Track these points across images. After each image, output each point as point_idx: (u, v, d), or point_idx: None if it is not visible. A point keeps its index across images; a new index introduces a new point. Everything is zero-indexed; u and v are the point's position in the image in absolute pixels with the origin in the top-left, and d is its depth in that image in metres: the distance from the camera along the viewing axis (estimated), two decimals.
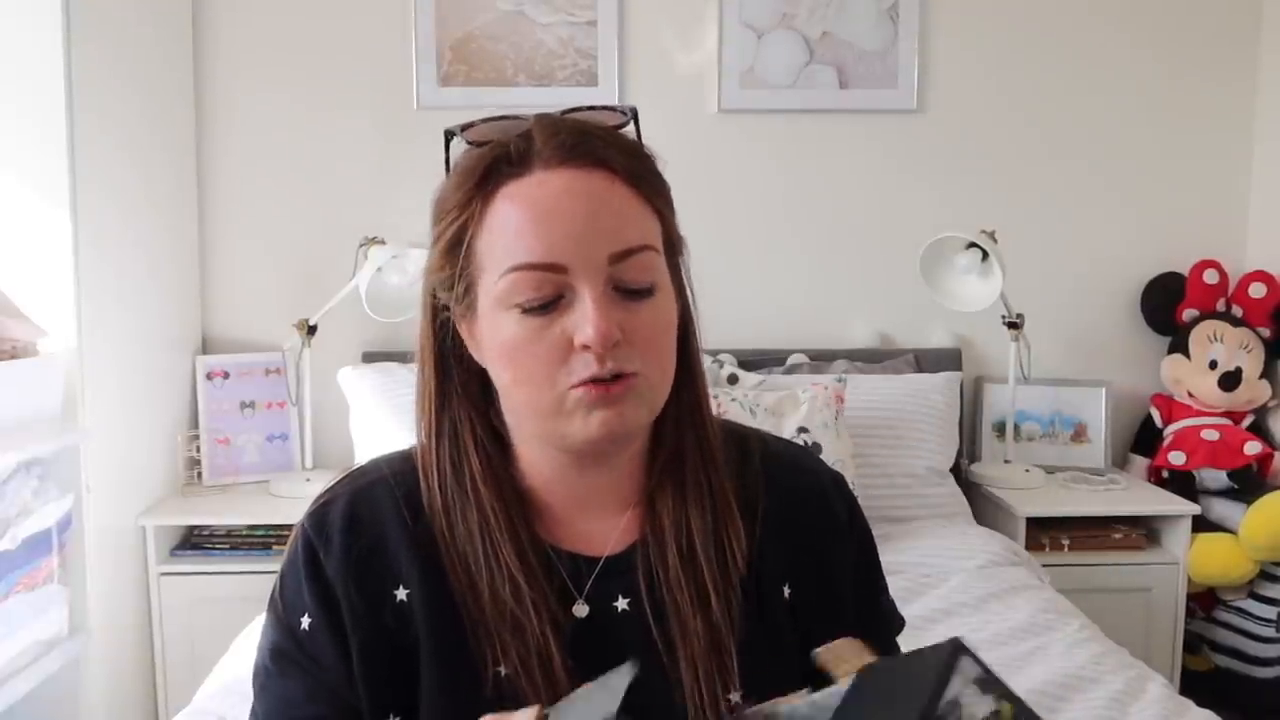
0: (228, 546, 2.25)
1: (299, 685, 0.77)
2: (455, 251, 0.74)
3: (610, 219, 0.72)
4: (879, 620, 0.88)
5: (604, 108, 0.78)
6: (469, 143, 0.76)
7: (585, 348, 0.70)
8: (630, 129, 0.78)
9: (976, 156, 2.65)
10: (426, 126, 2.53)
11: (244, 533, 2.25)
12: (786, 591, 0.82)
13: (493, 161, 0.73)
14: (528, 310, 0.71)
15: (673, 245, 0.78)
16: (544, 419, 0.74)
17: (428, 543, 0.78)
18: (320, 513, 0.80)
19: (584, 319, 0.70)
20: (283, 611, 0.79)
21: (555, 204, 0.71)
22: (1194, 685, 2.30)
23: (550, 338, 0.71)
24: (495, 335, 0.73)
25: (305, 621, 0.77)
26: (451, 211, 0.74)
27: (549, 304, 0.71)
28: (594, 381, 0.71)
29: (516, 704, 0.73)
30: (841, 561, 0.85)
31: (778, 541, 0.82)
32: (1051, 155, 2.67)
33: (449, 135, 0.77)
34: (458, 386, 0.79)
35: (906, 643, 0.94)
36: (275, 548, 2.22)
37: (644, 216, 0.74)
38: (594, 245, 0.71)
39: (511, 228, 0.71)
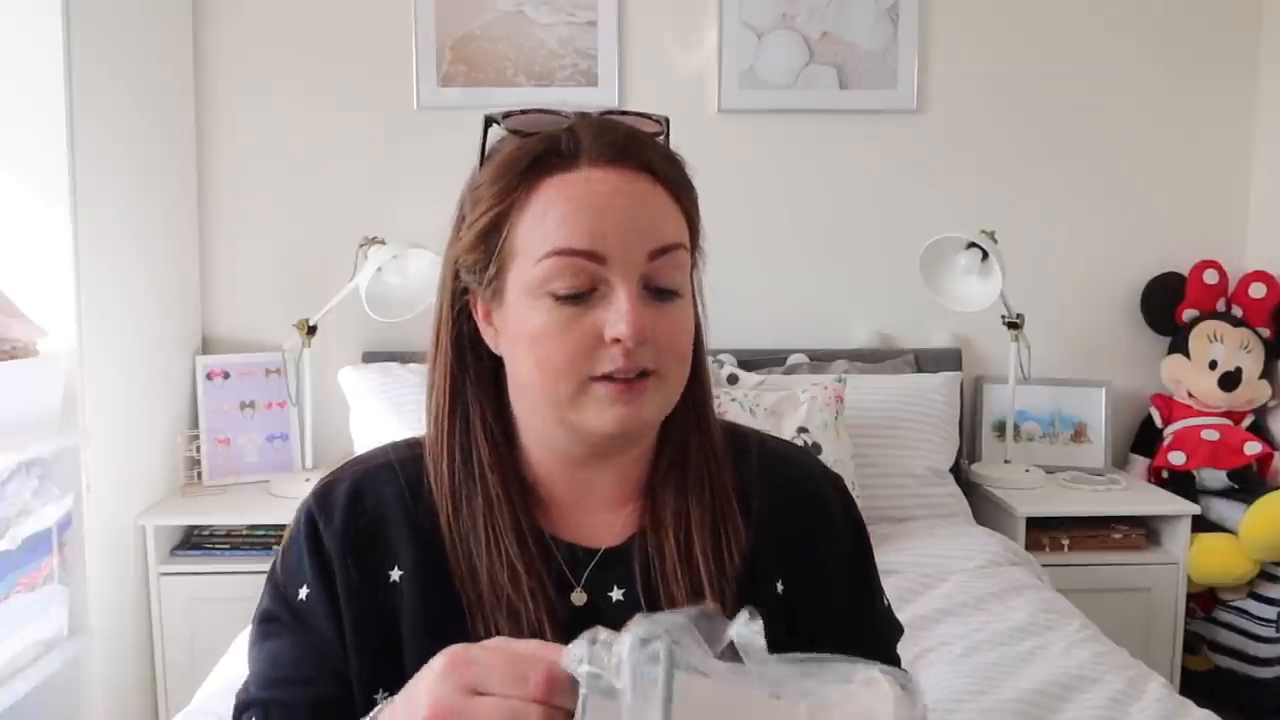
0: (228, 546, 2.25)
1: (287, 646, 0.79)
2: (491, 237, 0.75)
3: (651, 218, 0.74)
4: (874, 621, 0.89)
5: (641, 114, 0.79)
6: (511, 131, 0.77)
7: (616, 341, 0.72)
8: (662, 138, 0.80)
9: (976, 156, 2.65)
10: (426, 127, 2.53)
11: (244, 533, 2.26)
12: (779, 587, 0.83)
13: (541, 153, 0.74)
14: (561, 299, 0.72)
15: (695, 254, 0.80)
16: (561, 407, 0.75)
17: (428, 527, 0.79)
18: (325, 489, 0.82)
19: (619, 315, 0.71)
20: (282, 582, 0.81)
21: (602, 200, 0.73)
22: (1194, 685, 2.30)
23: (580, 328, 0.73)
24: (523, 322, 0.74)
25: (303, 592, 0.79)
26: (490, 198, 0.75)
27: (582, 295, 0.73)
28: (618, 378, 0.73)
29: None
30: (835, 560, 0.86)
31: (772, 538, 0.83)
32: (1051, 155, 2.67)
33: (489, 121, 0.78)
34: (472, 374, 0.81)
35: (907, 644, 0.94)
36: (275, 547, 2.20)
37: (680, 221, 0.76)
38: (635, 241, 0.73)
39: (554, 215, 0.73)
